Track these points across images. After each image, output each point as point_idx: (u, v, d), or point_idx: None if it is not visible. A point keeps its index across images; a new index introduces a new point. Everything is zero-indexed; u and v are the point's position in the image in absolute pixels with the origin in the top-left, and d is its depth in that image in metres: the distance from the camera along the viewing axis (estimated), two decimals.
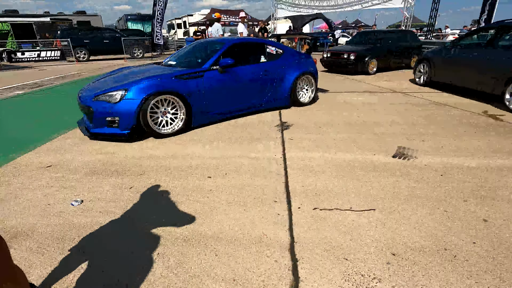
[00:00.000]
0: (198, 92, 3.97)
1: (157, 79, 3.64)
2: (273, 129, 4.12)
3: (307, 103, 5.40)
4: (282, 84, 4.97)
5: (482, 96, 5.69)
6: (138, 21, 25.78)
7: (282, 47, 5.14)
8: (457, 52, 6.19)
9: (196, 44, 5.02)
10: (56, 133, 4.03)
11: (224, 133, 3.97)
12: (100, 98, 3.54)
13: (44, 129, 4.24)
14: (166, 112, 3.80)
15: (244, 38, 4.78)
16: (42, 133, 4.06)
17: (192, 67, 4.14)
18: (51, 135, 3.97)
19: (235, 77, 4.32)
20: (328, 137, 3.78)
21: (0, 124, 4.62)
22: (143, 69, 4.47)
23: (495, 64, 5.16)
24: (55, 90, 7.51)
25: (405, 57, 10.14)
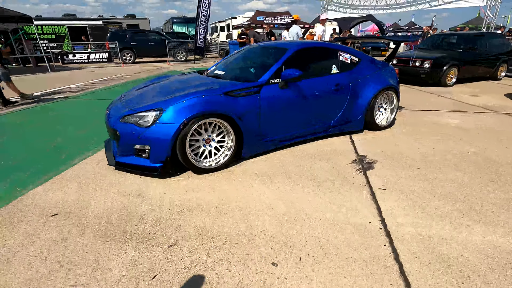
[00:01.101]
0: (253, 113, 2.99)
1: (201, 96, 2.73)
2: (349, 167, 3.00)
3: (385, 127, 4.18)
4: (356, 102, 3.83)
5: None
6: (183, 24, 26.08)
7: (358, 54, 3.99)
8: None
9: (249, 49, 4.07)
10: (79, 155, 3.33)
11: (283, 167, 2.95)
12: (129, 120, 2.72)
13: (66, 148, 3.57)
14: (209, 139, 2.88)
15: (312, 43, 3.73)
16: (63, 152, 3.39)
17: (245, 80, 3.18)
18: (73, 157, 3.27)
19: (299, 94, 3.28)
20: (446, 186, 2.57)
21: (22, 140, 4.08)
22: (184, 79, 3.63)
23: None
24: (95, 94, 7.11)
25: (489, 66, 8.32)
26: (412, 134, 3.97)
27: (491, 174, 2.80)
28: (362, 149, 3.45)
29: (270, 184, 2.64)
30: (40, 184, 2.70)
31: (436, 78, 7.45)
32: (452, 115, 4.91)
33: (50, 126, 4.59)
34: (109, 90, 7.82)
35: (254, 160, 3.18)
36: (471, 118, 4.69)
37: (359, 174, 2.84)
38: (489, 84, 8.00)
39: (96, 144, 3.70)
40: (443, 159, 3.15)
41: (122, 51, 15.44)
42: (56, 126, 4.53)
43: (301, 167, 3.00)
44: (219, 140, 2.94)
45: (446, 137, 3.81)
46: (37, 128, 4.48)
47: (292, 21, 8.55)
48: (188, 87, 3.12)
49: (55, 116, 5.20)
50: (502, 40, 8.59)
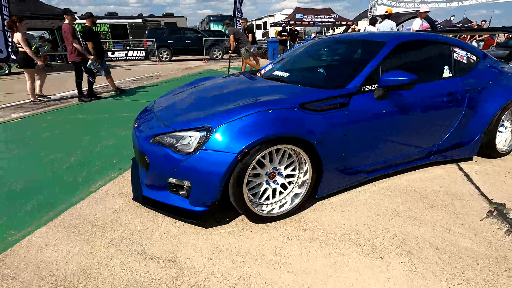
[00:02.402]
0: (337, 135, 2.02)
1: (268, 111, 1.81)
2: (488, 225, 1.92)
3: (505, 153, 2.99)
4: (473, 118, 2.70)
5: None
6: (220, 22, 25.65)
7: (476, 51, 2.85)
8: None
9: (318, 43, 3.08)
10: (99, 177, 2.59)
11: (383, 221, 1.95)
12: (162, 141, 1.88)
13: (82, 171, 2.86)
14: (275, 174, 1.96)
15: (417, 34, 2.66)
16: (81, 173, 2.68)
17: (324, 86, 2.21)
18: (91, 180, 2.54)
19: (401, 107, 2.25)
20: None
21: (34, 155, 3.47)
22: (236, 82, 2.74)
23: None
24: (128, 95, 6.56)
25: None
26: None
27: None
28: (491, 192, 2.33)
29: (379, 263, 1.64)
30: (28, 233, 1.95)
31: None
32: None
33: (70, 133, 3.98)
34: (144, 90, 7.26)
35: (332, 202, 2.20)
36: None
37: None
38: None
39: (124, 160, 2.95)
40: None
41: (159, 49, 15.19)
42: (77, 133, 3.90)
43: (410, 220, 1.97)
44: (288, 174, 2.01)
45: None
46: (53, 137, 3.88)
47: (386, 15, 7.53)
48: (244, 94, 2.23)
49: (78, 121, 4.62)
50: None
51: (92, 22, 5.99)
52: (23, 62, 5.53)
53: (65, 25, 5.55)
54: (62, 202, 2.24)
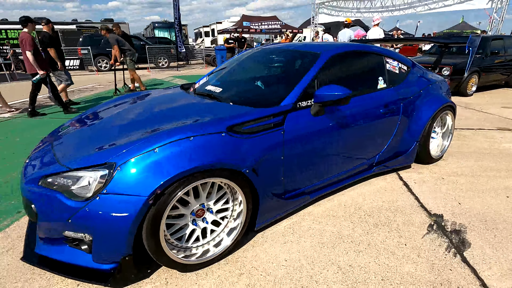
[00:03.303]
0: (274, 159, 1.81)
1: (189, 138, 1.51)
2: (430, 243, 1.86)
3: (437, 158, 3.09)
4: (409, 128, 2.72)
5: None
6: (165, 29, 24.68)
7: (406, 61, 2.90)
8: None
9: (253, 54, 2.88)
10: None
11: (327, 249, 1.77)
12: (54, 184, 1.47)
13: None
14: (203, 211, 1.67)
15: (351, 45, 2.58)
16: None
17: (257, 104, 1.98)
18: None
19: (340, 122, 2.13)
20: None
21: None
22: (160, 100, 2.38)
23: None
24: (52, 110, 5.71)
25: (507, 72, 7.55)
26: (479, 170, 2.90)
27: None
28: (430, 202, 2.33)
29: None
30: None
31: (456, 86, 6.56)
32: (504, 135, 3.92)
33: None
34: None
35: (274, 231, 1.98)
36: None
37: (457, 262, 1.70)
38: (509, 93, 7.19)
39: None
40: None
41: (96, 58, 13.94)
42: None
43: (354, 246, 1.83)
44: (219, 209, 1.73)
45: None
46: None
47: (345, 24, 7.97)
48: (165, 117, 1.90)
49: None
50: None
51: (52, 28, 5.52)
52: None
53: (24, 34, 4.87)
54: None
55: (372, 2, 13.59)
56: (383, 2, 13.11)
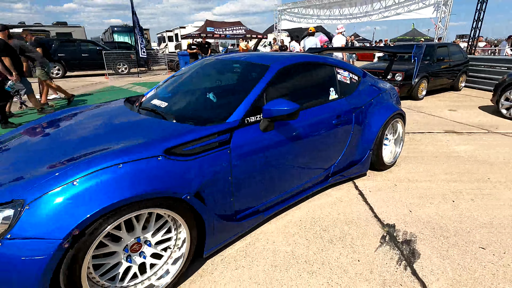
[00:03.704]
0: (221, 181, 1.69)
1: (117, 166, 1.33)
2: (382, 257, 1.85)
3: (391, 164, 3.18)
4: (362, 137, 2.75)
5: None
6: (125, 33, 23.65)
7: (357, 71, 2.94)
8: None
9: (205, 65, 2.75)
10: None
11: (279, 273, 1.68)
12: None
13: None
14: (140, 245, 1.49)
15: (301, 56, 2.54)
16: None
17: (202, 121, 1.85)
18: None
19: (291, 136, 2.06)
20: None
21: None
22: (97, 116, 2.15)
23: None
24: None
25: (452, 77, 8.18)
26: (429, 175, 3.01)
27: None
28: (383, 212, 2.35)
29: None
30: None
31: (408, 91, 6.94)
32: (451, 138, 4.16)
33: None
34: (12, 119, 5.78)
35: (225, 256, 1.85)
36: (475, 142, 3.97)
37: (407, 276, 1.69)
38: (454, 96, 7.78)
39: None
40: (500, 223, 2.18)
41: None
42: None
43: (308, 266, 1.76)
44: (160, 240, 1.56)
45: (473, 178, 2.92)
46: None
47: (309, 33, 8.33)
48: (95, 139, 1.70)
49: None
50: (461, 51, 8.56)
51: (8, 35, 5.12)
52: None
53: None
54: None
55: (331, 10, 14.12)
56: (341, 11, 13.68)
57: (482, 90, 8.33)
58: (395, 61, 4.49)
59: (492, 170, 3.09)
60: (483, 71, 8.47)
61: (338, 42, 8.22)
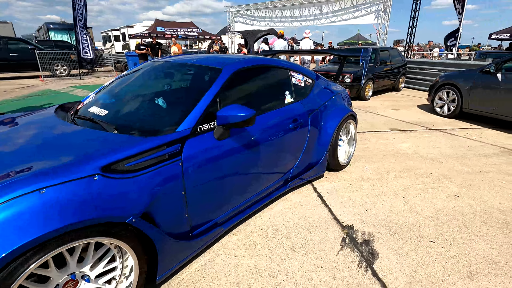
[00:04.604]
0: (172, 197, 1.52)
1: (38, 193, 1.10)
2: (344, 261, 1.85)
3: (346, 164, 3.28)
4: (318, 139, 2.77)
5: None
6: (64, 31, 21.56)
7: (310, 74, 2.96)
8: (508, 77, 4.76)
9: (152, 68, 2.51)
10: None
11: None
12: None
13: None
14: (76, 282, 1.26)
15: (255, 58, 2.45)
16: None
17: (148, 131, 1.66)
18: None
19: (248, 143, 1.97)
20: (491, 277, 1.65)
21: None
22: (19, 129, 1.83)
23: None
24: None
25: (393, 78, 8.90)
26: (380, 173, 3.16)
27: None
28: (342, 213, 2.38)
29: None
30: None
31: (356, 92, 7.36)
32: (396, 136, 4.47)
33: None
34: None
35: (182, 278, 1.68)
36: (417, 139, 4.31)
37: (368, 278, 1.70)
38: (396, 96, 8.46)
39: None
40: (446, 215, 2.35)
41: None
42: None
43: (272, 279, 1.67)
44: (100, 273, 1.34)
45: (418, 174, 3.14)
46: None
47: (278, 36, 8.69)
48: (15, 156, 1.41)
49: None
50: (400, 54, 9.35)
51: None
52: None
53: None
54: None
55: (283, 12, 14.46)
56: (292, 12, 14.08)
57: (418, 90, 9.21)
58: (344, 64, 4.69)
59: (433, 165, 3.36)
60: (418, 73, 9.35)
61: (305, 45, 8.72)
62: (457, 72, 5.93)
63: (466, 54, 16.32)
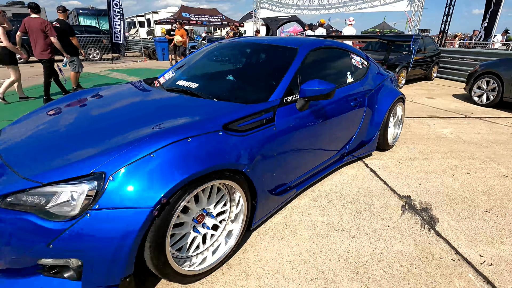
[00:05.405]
0: (268, 156, 1.78)
1: (187, 140, 1.37)
2: (406, 221, 2.07)
3: (392, 145, 3.44)
4: (372, 118, 2.96)
5: None
6: (93, 17, 22.10)
7: (366, 57, 3.12)
8: None
9: (225, 46, 2.75)
10: None
11: (323, 239, 1.83)
12: (19, 204, 1.19)
13: None
14: (203, 216, 1.55)
15: (324, 41, 2.64)
16: None
17: (242, 100, 1.90)
18: None
19: (321, 116, 2.19)
20: None
21: None
22: (122, 96, 2.13)
23: None
24: None
25: (426, 67, 8.78)
26: (426, 154, 3.32)
27: None
28: (397, 185, 2.58)
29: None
30: None
31: None
32: (436, 122, 4.56)
33: None
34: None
35: (268, 228, 1.96)
36: (457, 126, 4.39)
37: (432, 236, 1.92)
38: (428, 85, 8.38)
39: None
40: (497, 191, 2.51)
41: None
42: None
43: (346, 233, 1.92)
44: (219, 212, 1.63)
45: (464, 156, 3.27)
46: None
47: (319, 24, 9.31)
48: (145, 116, 1.70)
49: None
50: (434, 42, 9.17)
51: (67, 16, 5.78)
52: (9, 58, 5.09)
53: (43, 20, 5.05)
54: None
55: (310, 0, 14.30)
56: (320, 0, 13.90)
57: (451, 80, 9.05)
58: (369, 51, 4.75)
59: (477, 149, 3.47)
60: (452, 62, 9.16)
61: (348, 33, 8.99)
62: (498, 60, 5.85)
63: None
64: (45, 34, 5.09)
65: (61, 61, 6.15)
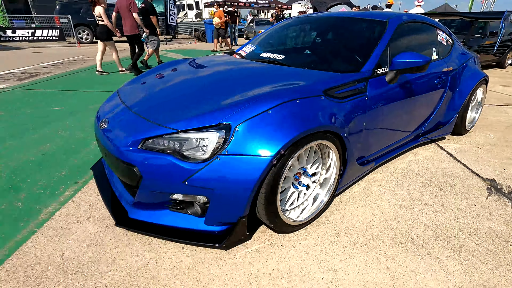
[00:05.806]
0: (358, 124, 1.83)
1: (296, 101, 1.48)
2: (495, 204, 2.00)
3: (469, 130, 3.26)
4: (452, 99, 2.82)
5: None
6: None
7: (450, 34, 2.95)
8: None
9: (305, 20, 2.79)
10: (46, 202, 1.91)
11: (400, 209, 1.86)
12: (157, 147, 1.40)
13: (24, 181, 2.11)
14: (301, 174, 1.67)
15: (412, 15, 2.57)
16: (18, 193, 1.94)
17: (335, 70, 1.95)
18: (38, 204, 1.85)
19: (407, 90, 2.17)
20: None
21: None
22: (220, 64, 2.30)
23: None
24: (52, 83, 5.31)
25: (499, 53, 7.90)
26: (507, 141, 3.09)
27: None
28: (478, 169, 2.47)
29: (430, 260, 1.54)
30: None
31: None
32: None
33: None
34: (70, 77, 5.99)
35: (349, 197, 2.04)
36: None
37: None
38: (501, 72, 7.58)
39: (76, 170, 2.27)
40: None
41: (76, 28, 12.87)
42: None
43: (429, 207, 1.93)
44: (313, 173, 1.74)
45: None
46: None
47: (387, 5, 9.41)
48: (253, 80, 1.84)
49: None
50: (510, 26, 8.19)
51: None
52: (106, 35, 5.75)
53: None
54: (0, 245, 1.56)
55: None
56: None
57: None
58: None
59: None
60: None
61: None
62: None
63: None
64: (131, 12, 5.73)
65: None
